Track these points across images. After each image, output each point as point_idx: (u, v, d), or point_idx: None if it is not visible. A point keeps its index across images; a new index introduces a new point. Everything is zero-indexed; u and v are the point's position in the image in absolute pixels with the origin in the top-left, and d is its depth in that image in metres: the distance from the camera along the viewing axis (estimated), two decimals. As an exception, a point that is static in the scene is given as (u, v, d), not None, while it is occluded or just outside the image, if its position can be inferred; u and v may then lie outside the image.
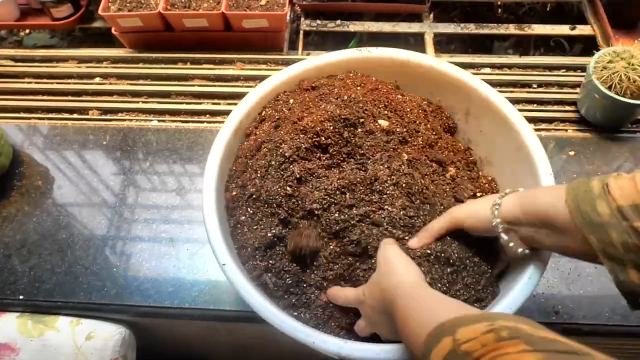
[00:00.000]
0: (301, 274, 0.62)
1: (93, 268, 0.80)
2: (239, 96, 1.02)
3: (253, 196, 0.64)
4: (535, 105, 0.98)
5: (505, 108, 0.70)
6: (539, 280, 0.57)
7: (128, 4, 1.05)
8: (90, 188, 0.89)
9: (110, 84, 1.04)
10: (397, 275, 0.53)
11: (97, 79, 1.06)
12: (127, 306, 0.78)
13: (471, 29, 1.12)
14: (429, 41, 1.10)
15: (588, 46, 1.10)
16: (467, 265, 0.60)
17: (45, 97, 1.04)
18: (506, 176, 0.72)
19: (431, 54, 1.07)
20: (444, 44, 1.24)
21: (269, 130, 0.69)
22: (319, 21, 1.14)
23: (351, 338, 0.59)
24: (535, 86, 1.01)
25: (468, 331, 0.37)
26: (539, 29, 1.11)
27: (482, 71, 1.03)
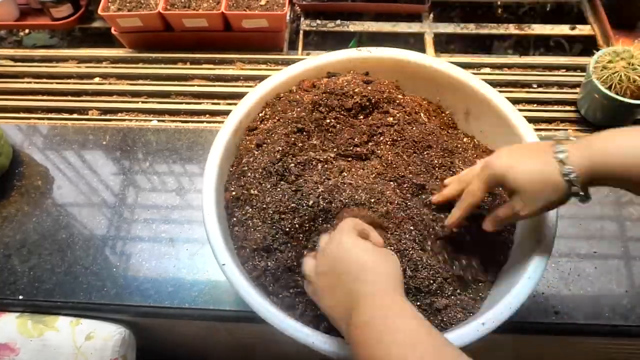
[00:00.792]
0: (300, 274, 0.62)
1: (93, 268, 0.80)
2: (239, 96, 1.02)
3: (252, 196, 0.64)
4: (535, 105, 0.98)
5: (505, 108, 0.70)
6: (539, 279, 0.57)
7: (128, 4, 1.05)
8: (90, 188, 0.89)
9: (110, 84, 1.04)
10: (369, 272, 0.47)
11: (97, 79, 1.05)
12: (127, 306, 0.77)
13: (471, 29, 1.12)
14: (429, 41, 1.10)
15: (588, 46, 1.10)
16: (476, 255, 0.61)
17: (45, 97, 1.04)
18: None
19: (431, 54, 1.07)
20: (444, 44, 1.24)
21: (268, 129, 0.69)
22: (319, 21, 1.14)
23: None
24: (535, 86, 1.01)
25: None
26: (539, 29, 1.11)
27: (482, 71, 1.03)
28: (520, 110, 0.69)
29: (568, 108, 0.97)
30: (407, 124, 0.70)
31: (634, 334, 0.74)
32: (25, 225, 0.85)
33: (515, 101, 0.92)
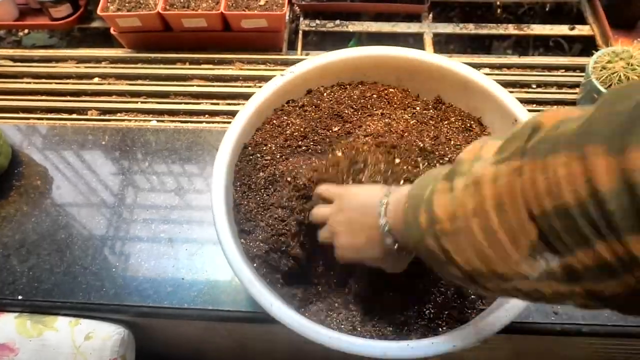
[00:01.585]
0: (311, 276, 0.63)
1: (92, 268, 0.80)
2: (238, 96, 1.02)
3: (259, 198, 0.65)
4: (534, 105, 0.98)
5: (511, 104, 0.70)
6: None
7: (127, 4, 1.04)
8: (89, 188, 0.89)
9: (109, 84, 1.04)
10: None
11: (96, 79, 1.05)
12: (126, 306, 0.77)
13: (470, 29, 1.12)
14: (428, 41, 1.10)
15: (587, 46, 1.11)
16: None
17: (44, 97, 1.04)
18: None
19: (430, 54, 1.07)
20: (443, 44, 1.24)
21: (274, 128, 0.71)
22: (318, 21, 1.14)
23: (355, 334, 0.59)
24: (534, 86, 1.01)
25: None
26: (538, 29, 1.11)
27: (482, 71, 1.03)
28: (519, 110, 0.70)
29: (567, 108, 0.97)
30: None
31: (634, 334, 0.74)
32: (24, 225, 0.85)
33: (514, 101, 0.92)
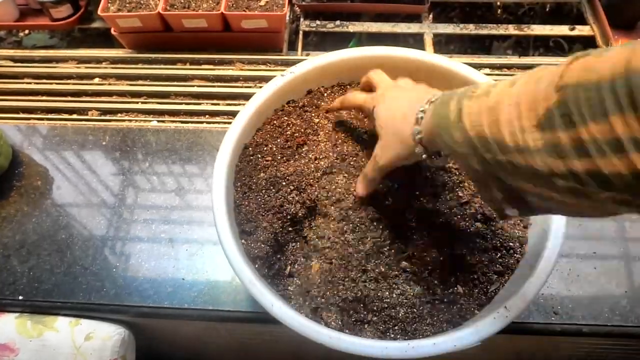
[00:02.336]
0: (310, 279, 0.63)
1: (92, 268, 0.80)
2: (239, 97, 1.02)
3: (260, 199, 0.65)
4: (534, 105, 0.98)
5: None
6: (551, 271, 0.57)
7: (127, 5, 1.05)
8: (89, 188, 0.89)
9: (109, 85, 1.04)
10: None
11: (97, 80, 1.06)
12: (126, 306, 0.77)
13: (470, 30, 1.12)
14: (428, 41, 1.10)
15: (587, 46, 1.11)
16: None
17: (44, 98, 1.04)
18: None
19: (430, 55, 1.07)
20: (443, 45, 1.24)
21: (275, 129, 0.71)
22: (319, 22, 1.14)
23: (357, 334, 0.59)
24: (534, 86, 1.01)
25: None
26: (539, 30, 1.11)
27: (482, 72, 1.03)
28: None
29: (567, 108, 0.97)
30: None
31: (634, 335, 0.74)
32: (24, 225, 0.85)
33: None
